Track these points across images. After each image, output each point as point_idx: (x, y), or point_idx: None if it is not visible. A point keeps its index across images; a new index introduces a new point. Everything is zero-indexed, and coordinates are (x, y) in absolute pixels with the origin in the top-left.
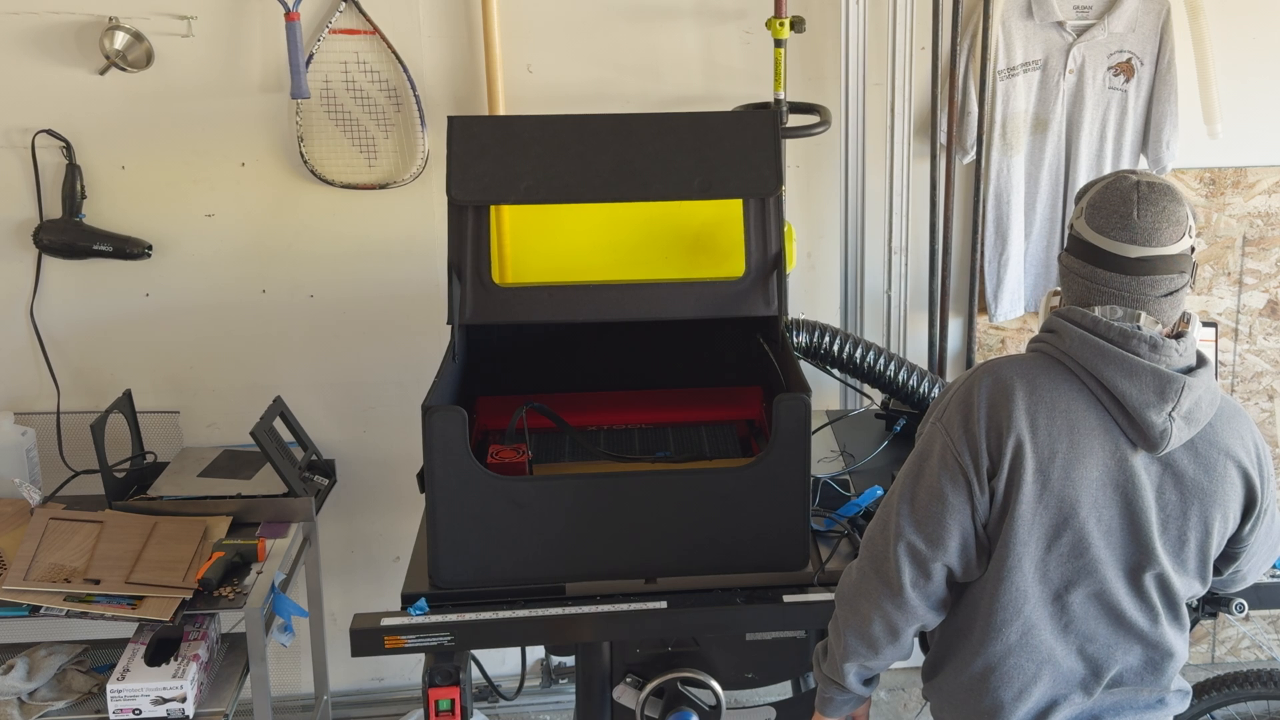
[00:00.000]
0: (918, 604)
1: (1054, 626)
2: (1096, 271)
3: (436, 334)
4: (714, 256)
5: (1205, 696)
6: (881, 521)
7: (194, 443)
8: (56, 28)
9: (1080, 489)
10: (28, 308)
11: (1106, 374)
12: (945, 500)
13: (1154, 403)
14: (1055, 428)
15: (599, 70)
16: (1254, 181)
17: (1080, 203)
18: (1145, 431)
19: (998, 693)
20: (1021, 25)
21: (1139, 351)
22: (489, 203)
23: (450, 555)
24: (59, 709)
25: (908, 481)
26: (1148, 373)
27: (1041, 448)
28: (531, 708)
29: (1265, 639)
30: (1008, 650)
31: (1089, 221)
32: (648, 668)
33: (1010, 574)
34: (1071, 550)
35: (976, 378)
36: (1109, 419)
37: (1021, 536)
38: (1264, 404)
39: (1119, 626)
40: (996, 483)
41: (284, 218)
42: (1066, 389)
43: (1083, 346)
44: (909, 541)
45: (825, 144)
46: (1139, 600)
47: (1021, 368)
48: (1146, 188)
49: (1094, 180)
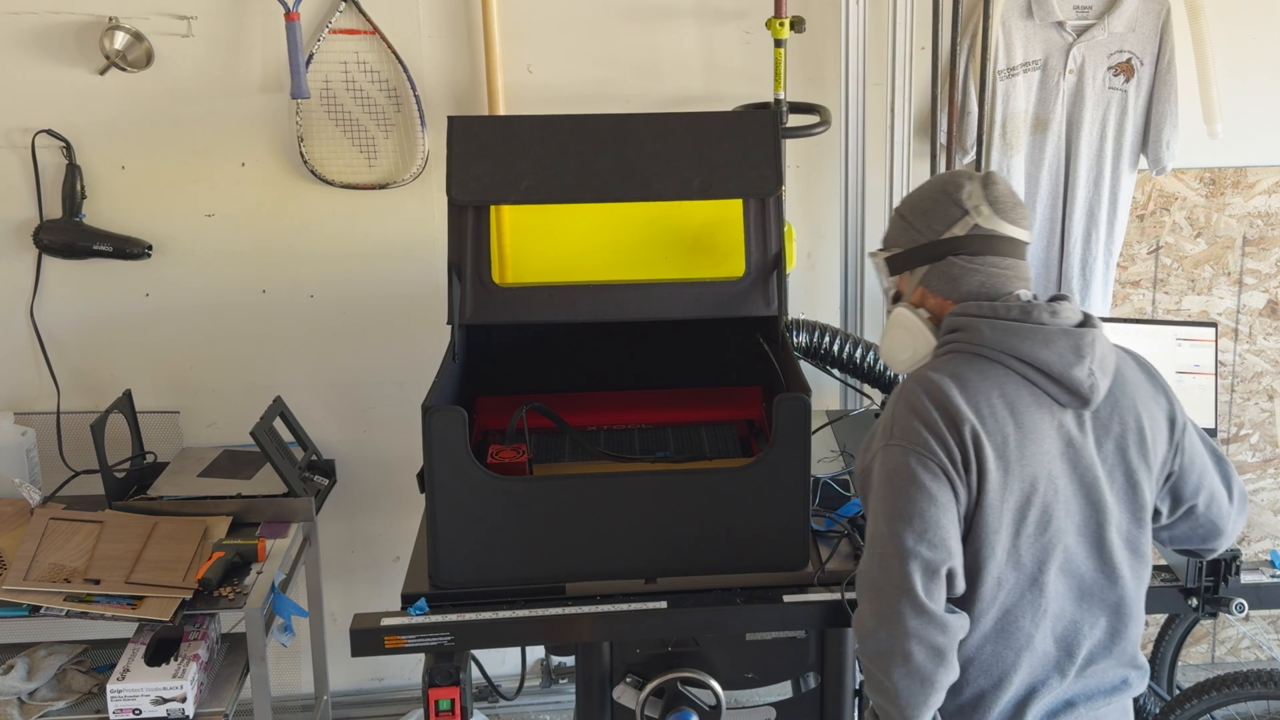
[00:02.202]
0: (945, 616)
1: (1031, 611)
2: (1005, 260)
3: (436, 334)
4: (714, 256)
5: (1205, 696)
6: (878, 556)
7: (194, 443)
8: (56, 28)
9: (1037, 464)
10: (28, 308)
11: (1025, 349)
12: (936, 500)
13: (1074, 361)
14: (998, 413)
15: (599, 70)
16: (1254, 181)
17: (961, 205)
18: (1075, 389)
19: (977, 683)
20: (1021, 25)
21: (1043, 320)
22: (489, 203)
23: (450, 555)
24: (59, 709)
25: (888, 504)
26: (1059, 335)
27: (993, 434)
28: (531, 708)
29: (1265, 639)
30: (984, 640)
31: (998, 213)
32: (648, 668)
33: (985, 563)
34: (1038, 527)
35: (910, 393)
36: (1039, 392)
37: (992, 524)
38: (1264, 404)
39: (1083, 598)
40: (969, 475)
41: (284, 218)
42: (994, 376)
43: (995, 333)
44: (916, 554)
45: (825, 144)
46: (1100, 562)
47: (945, 370)
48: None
49: (937, 189)
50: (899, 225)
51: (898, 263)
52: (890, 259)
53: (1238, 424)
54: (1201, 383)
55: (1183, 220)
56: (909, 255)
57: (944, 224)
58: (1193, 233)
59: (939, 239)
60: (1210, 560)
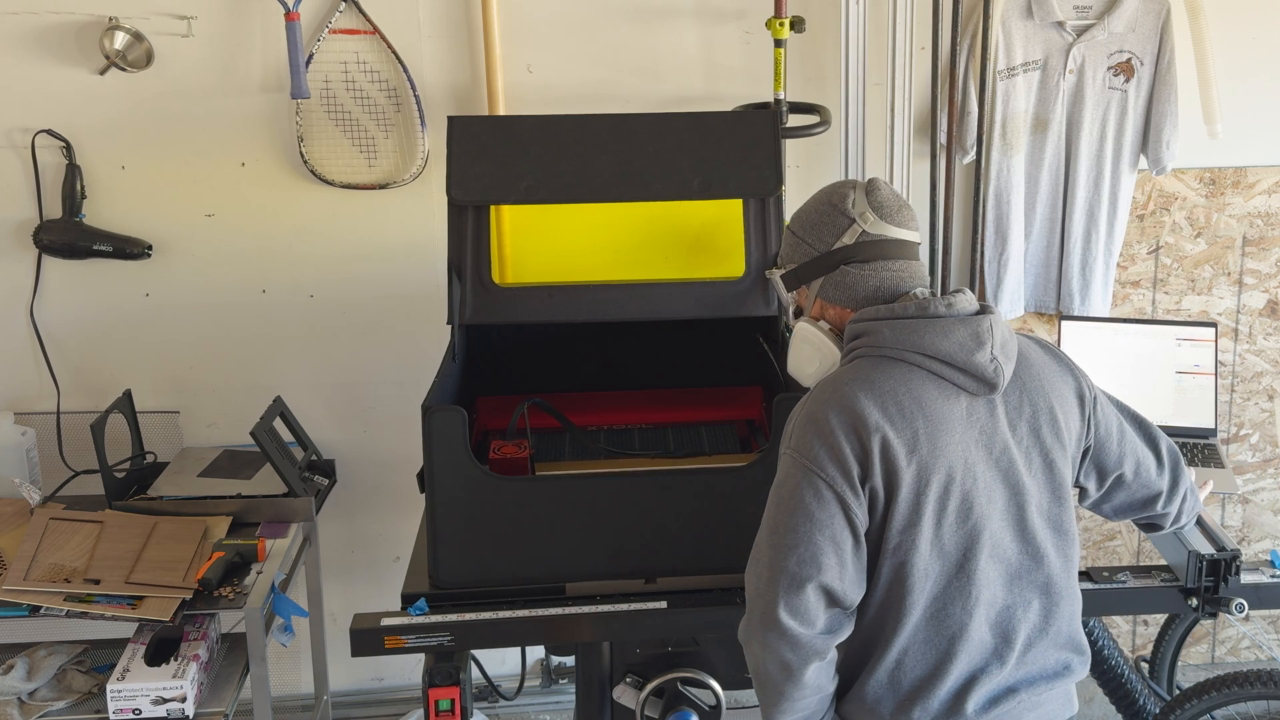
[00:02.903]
0: (798, 632)
1: (960, 599)
2: (896, 263)
3: (436, 334)
4: (714, 256)
5: (1205, 696)
6: (753, 561)
7: (194, 443)
8: (56, 28)
9: (951, 454)
10: (28, 308)
11: (926, 343)
12: (812, 517)
13: (974, 348)
14: (906, 410)
15: (599, 70)
16: (1254, 181)
17: (847, 214)
18: (980, 374)
19: (914, 673)
20: (1021, 25)
21: (940, 312)
22: (489, 203)
23: (450, 555)
24: (59, 709)
25: (771, 513)
26: (957, 324)
27: (903, 432)
28: (531, 708)
29: (1265, 639)
30: (916, 629)
31: (884, 218)
32: (648, 668)
33: (909, 556)
34: (959, 515)
35: (815, 399)
36: (945, 384)
37: (910, 519)
38: (1264, 404)
39: (1012, 581)
40: (873, 483)
41: (284, 218)
42: (900, 374)
43: (896, 332)
44: (781, 566)
45: (825, 144)
46: (1023, 544)
47: (853, 374)
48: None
49: (823, 202)
50: (791, 241)
51: (793, 278)
52: (785, 275)
53: (1238, 424)
54: (1201, 383)
55: (1183, 220)
56: (803, 270)
57: (833, 234)
58: (1193, 233)
59: (830, 250)
60: (1210, 560)
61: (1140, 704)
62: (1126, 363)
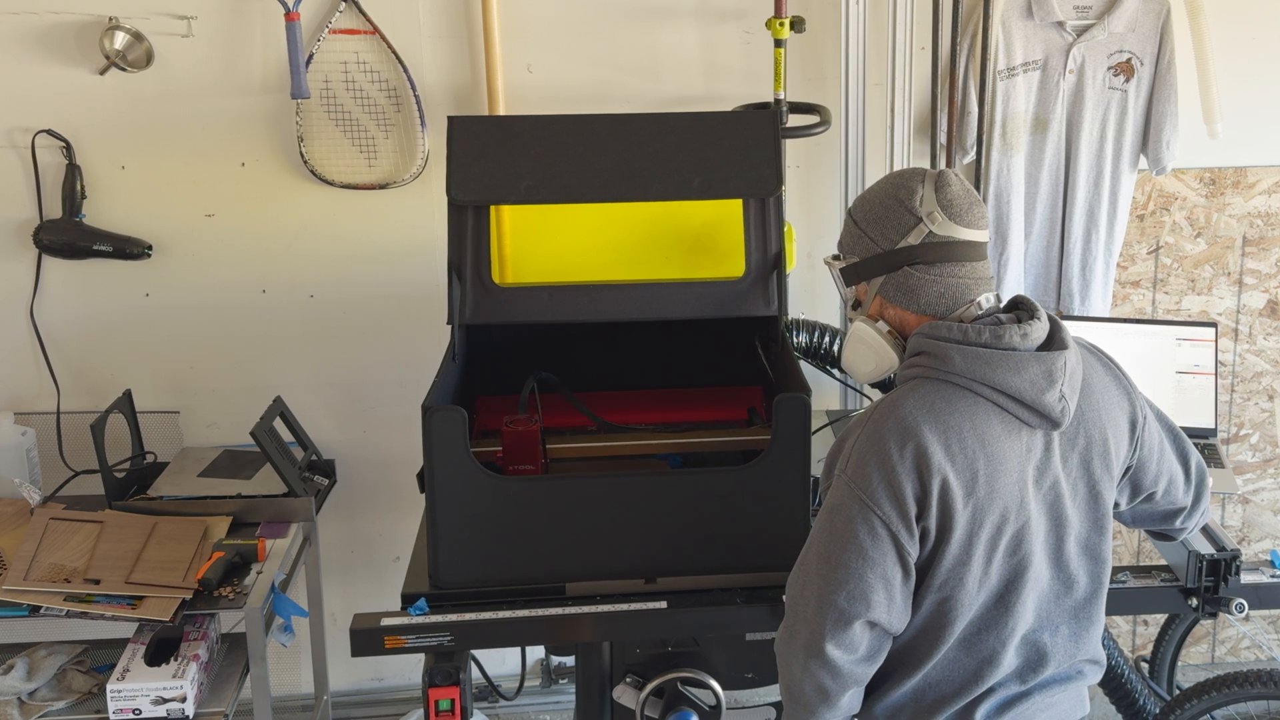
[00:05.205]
0: (842, 663)
1: (997, 629)
2: (963, 267)
3: (436, 334)
4: (714, 256)
5: (1205, 696)
6: (800, 581)
7: (194, 443)
8: (56, 28)
9: (1007, 494)
10: (28, 308)
11: (998, 378)
12: (865, 554)
13: (1046, 387)
14: (969, 449)
15: (599, 70)
16: (1254, 181)
17: (914, 212)
18: (1048, 413)
19: (938, 691)
20: (1021, 25)
21: (1015, 344)
22: (489, 203)
23: (450, 555)
24: (59, 709)
25: (823, 539)
26: (1031, 360)
27: (963, 473)
28: (531, 708)
29: (1265, 639)
30: (948, 653)
31: (952, 218)
32: (648, 668)
33: (955, 592)
34: (1007, 552)
35: (878, 422)
36: (1009, 417)
37: (960, 558)
38: (1264, 404)
39: (1045, 608)
40: (926, 523)
41: (284, 218)
42: (964, 406)
43: (966, 361)
44: (831, 600)
45: (825, 144)
46: (1057, 571)
47: (919, 401)
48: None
49: (889, 194)
50: (853, 232)
51: (853, 273)
52: (845, 270)
53: (1238, 424)
54: (1201, 383)
55: (1183, 220)
56: (864, 265)
57: (897, 233)
58: (1193, 233)
59: (893, 249)
60: (1210, 560)
61: (1140, 704)
62: (1126, 363)
